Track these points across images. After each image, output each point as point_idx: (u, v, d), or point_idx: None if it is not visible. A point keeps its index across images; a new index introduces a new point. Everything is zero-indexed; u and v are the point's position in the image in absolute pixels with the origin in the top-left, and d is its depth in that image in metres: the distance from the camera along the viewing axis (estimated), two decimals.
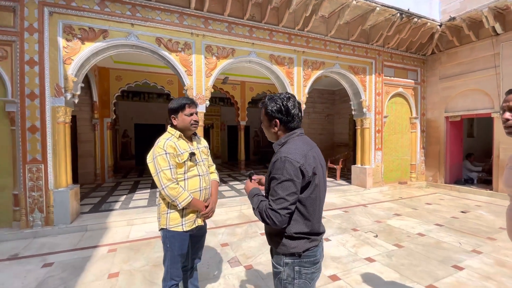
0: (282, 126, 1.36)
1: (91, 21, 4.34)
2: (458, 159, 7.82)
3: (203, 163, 1.95)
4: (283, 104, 1.33)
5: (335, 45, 6.50)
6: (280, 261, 1.32)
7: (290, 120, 1.35)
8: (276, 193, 1.21)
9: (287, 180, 1.21)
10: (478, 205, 5.63)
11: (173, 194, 1.71)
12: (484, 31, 6.49)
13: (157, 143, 1.80)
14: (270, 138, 1.46)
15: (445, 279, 2.69)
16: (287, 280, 1.30)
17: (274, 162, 1.27)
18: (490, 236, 3.85)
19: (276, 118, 1.35)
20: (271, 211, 1.20)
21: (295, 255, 1.30)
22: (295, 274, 1.30)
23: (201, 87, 5.16)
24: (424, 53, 7.86)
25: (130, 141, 12.37)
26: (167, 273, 1.83)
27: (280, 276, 1.32)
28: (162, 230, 1.83)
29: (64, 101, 4.20)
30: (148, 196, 6.12)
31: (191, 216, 1.84)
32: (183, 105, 1.81)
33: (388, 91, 7.42)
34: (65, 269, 2.92)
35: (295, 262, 1.30)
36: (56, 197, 4.11)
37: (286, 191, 1.20)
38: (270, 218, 1.20)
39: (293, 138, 1.34)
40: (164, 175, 1.70)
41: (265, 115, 1.39)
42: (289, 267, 1.30)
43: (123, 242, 3.69)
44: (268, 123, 1.40)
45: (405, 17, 6.11)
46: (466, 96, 7.07)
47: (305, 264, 1.30)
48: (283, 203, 1.20)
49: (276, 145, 1.38)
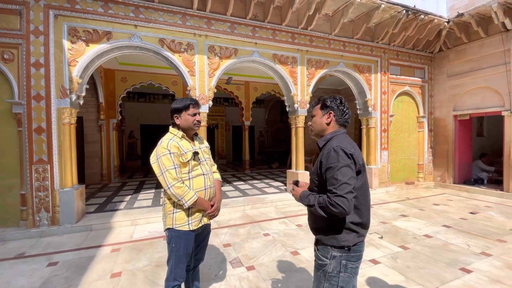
0: (334, 119, 1.48)
1: (95, 23, 4.39)
2: (467, 159, 7.63)
3: (206, 162, 1.96)
4: (341, 102, 1.50)
5: (339, 44, 6.42)
6: (328, 254, 1.37)
7: (343, 115, 1.49)
8: (337, 180, 1.25)
9: (344, 166, 1.27)
10: (488, 206, 5.48)
11: (179, 193, 1.71)
12: (494, 27, 6.32)
13: (160, 143, 1.80)
14: (316, 133, 1.56)
15: (452, 282, 2.62)
16: (332, 273, 1.35)
17: (327, 153, 1.33)
18: (500, 238, 3.73)
19: (331, 110, 1.48)
20: (337, 198, 1.22)
21: (345, 248, 1.34)
22: (342, 267, 1.34)
23: (204, 87, 5.17)
24: (431, 51, 7.70)
25: (136, 141, 12.51)
26: (171, 273, 1.82)
27: (326, 268, 1.36)
28: (168, 230, 1.83)
29: (69, 103, 4.26)
30: (153, 196, 6.17)
31: (197, 215, 1.84)
32: (188, 105, 1.84)
33: (394, 90, 7.30)
34: (69, 268, 2.96)
35: (343, 256, 1.35)
36: (61, 197, 4.17)
37: (347, 176, 1.26)
38: (338, 206, 1.21)
39: (338, 135, 1.45)
40: (169, 175, 1.71)
41: (321, 107, 1.52)
42: (336, 260, 1.35)
43: (126, 242, 3.71)
44: (321, 115, 1.51)
45: (411, 14, 5.99)
46: (475, 94, 6.90)
47: (351, 259, 1.35)
48: (347, 187, 1.23)
49: (322, 141, 1.49)
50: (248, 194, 6.41)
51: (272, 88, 10.53)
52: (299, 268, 2.91)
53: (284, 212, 5.10)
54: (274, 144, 14.86)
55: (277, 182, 8.08)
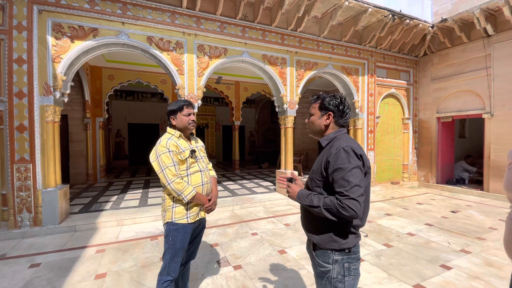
0: (333, 120, 1.43)
1: (81, 19, 4.29)
2: (450, 160, 7.90)
3: (202, 160, 2.09)
4: (341, 101, 1.42)
5: (328, 46, 6.52)
6: (329, 259, 1.31)
7: (343, 116, 1.43)
8: (348, 182, 1.19)
9: (355, 167, 1.22)
10: (468, 205, 5.69)
11: (178, 188, 1.82)
12: (476, 32, 6.57)
13: (159, 142, 1.90)
14: (314, 132, 1.50)
15: (433, 278, 2.71)
16: (337, 278, 1.29)
17: (336, 153, 1.26)
18: (480, 236, 3.88)
19: (330, 111, 1.42)
20: (349, 200, 1.16)
21: (345, 251, 1.30)
22: (345, 271, 1.29)
23: (193, 86, 5.14)
24: (416, 54, 7.93)
25: (124, 140, 12.28)
26: (165, 267, 1.89)
27: (330, 274, 1.30)
28: (167, 223, 1.92)
29: (53, 100, 4.15)
30: (140, 196, 6.08)
31: (195, 209, 1.95)
32: (181, 106, 1.95)
33: (381, 92, 7.47)
34: (52, 270, 2.89)
35: (345, 259, 1.30)
36: (44, 197, 4.06)
37: (358, 178, 1.21)
38: (349, 209, 1.15)
39: (342, 134, 1.41)
40: (169, 171, 1.81)
41: (319, 108, 1.45)
42: (339, 264, 1.29)
43: (112, 242, 3.65)
44: (320, 115, 1.45)
45: (397, 18, 6.16)
46: (457, 97, 7.15)
47: (352, 260, 1.31)
48: (358, 189, 1.19)
49: (324, 140, 1.43)
50: (237, 194, 6.41)
51: (263, 89, 10.57)
52: (286, 267, 2.94)
53: (272, 212, 5.14)
54: (264, 144, 14.92)
55: (266, 182, 8.12)
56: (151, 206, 5.23)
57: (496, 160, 6.25)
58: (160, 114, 12.73)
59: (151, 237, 3.83)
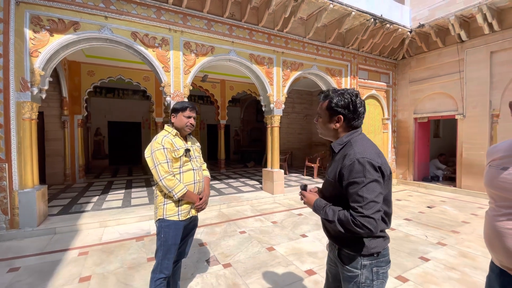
0: (344, 123, 1.28)
1: (61, 12, 4.10)
2: (426, 158, 8.34)
3: (196, 160, 2.11)
4: (352, 100, 1.25)
5: (313, 47, 6.66)
6: (357, 264, 1.24)
7: (355, 117, 1.27)
8: (363, 198, 1.11)
9: (372, 181, 1.12)
10: (443, 201, 6.04)
11: (169, 185, 1.85)
12: (450, 38, 6.97)
13: (155, 139, 1.93)
14: (325, 135, 1.37)
15: (413, 270, 2.87)
16: (365, 283, 1.24)
17: (351, 165, 1.16)
18: (454, 229, 4.14)
19: (340, 114, 1.26)
20: (364, 218, 1.09)
21: (374, 255, 1.24)
22: (374, 275, 1.24)
23: (179, 84, 5.06)
24: (395, 58, 8.28)
25: (103, 139, 11.83)
26: (158, 265, 1.91)
27: (358, 279, 1.24)
28: (158, 220, 1.94)
29: (30, 96, 3.93)
30: (123, 197, 5.90)
31: (186, 207, 1.97)
32: (185, 107, 1.98)
33: (362, 93, 7.73)
34: (32, 274, 2.75)
35: (373, 263, 1.24)
36: (21, 198, 3.85)
37: (374, 193, 1.11)
38: (364, 227, 1.08)
39: (356, 138, 1.26)
40: (162, 168, 1.85)
41: (327, 109, 1.29)
42: (367, 269, 1.23)
43: (95, 244, 3.53)
44: (328, 118, 1.30)
45: (378, 22, 6.41)
46: (433, 99, 7.56)
47: (381, 264, 1.25)
48: (374, 206, 1.10)
49: (337, 145, 1.29)
50: (224, 193, 6.40)
51: (248, 88, 10.58)
52: (275, 263, 2.99)
53: (259, 210, 5.18)
54: (250, 143, 14.94)
55: (252, 180, 8.16)
56: (135, 206, 5.10)
57: (467, 158, 6.68)
58: (142, 112, 12.38)
59: (137, 238, 3.75)
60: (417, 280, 2.65)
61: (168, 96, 4.98)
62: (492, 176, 1.16)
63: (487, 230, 1.16)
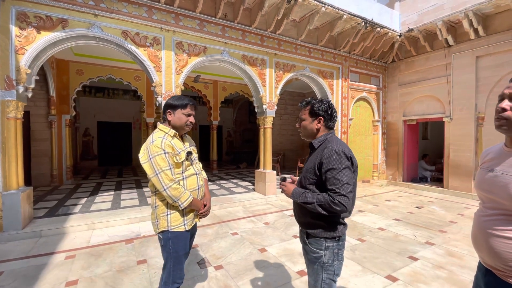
0: (323, 124, 1.57)
1: (49, 9, 4.00)
2: (414, 159, 8.51)
3: (196, 162, 1.98)
4: (329, 105, 1.57)
5: (305, 49, 6.71)
6: (322, 245, 1.48)
7: (331, 119, 1.58)
8: (339, 180, 1.36)
9: (346, 167, 1.40)
10: (431, 201, 6.18)
11: (175, 194, 1.68)
12: (438, 42, 7.15)
13: (152, 141, 1.69)
14: (307, 136, 1.65)
15: (402, 269, 2.91)
16: (328, 263, 1.48)
17: (329, 155, 1.42)
18: (442, 229, 4.24)
19: (321, 116, 1.56)
20: (340, 197, 1.33)
21: (335, 239, 1.49)
22: (334, 256, 1.49)
23: (170, 84, 5.01)
24: (385, 61, 8.43)
25: (92, 140, 11.58)
26: (169, 276, 1.78)
27: (322, 259, 1.49)
28: (162, 233, 1.77)
29: (15, 95, 3.81)
30: (112, 199, 5.78)
31: (191, 215, 1.85)
32: (185, 104, 1.78)
33: (353, 95, 7.85)
34: (16, 278, 2.66)
35: (335, 245, 1.49)
36: (5, 200, 3.71)
37: (347, 177, 1.38)
38: (340, 204, 1.33)
39: (332, 137, 1.55)
40: (165, 176, 1.65)
41: (310, 113, 1.58)
42: (330, 250, 1.48)
43: (83, 247, 3.44)
44: (310, 120, 1.59)
45: (369, 26, 6.52)
46: (421, 102, 7.73)
47: (340, 246, 1.51)
48: (348, 187, 1.36)
49: (317, 142, 1.57)
50: (216, 194, 6.36)
51: (241, 89, 10.57)
52: (267, 265, 2.99)
53: (251, 211, 5.17)
54: (242, 144, 14.91)
55: (245, 182, 8.14)
56: (124, 208, 5.01)
57: (454, 159, 6.85)
58: (132, 112, 12.19)
59: (126, 241, 3.67)
60: (407, 279, 2.69)
61: (159, 96, 4.91)
62: (480, 178, 1.19)
63: (474, 230, 1.19)
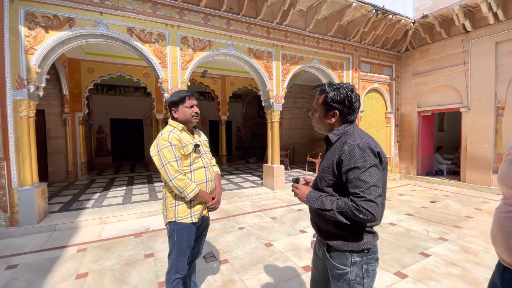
0: (339, 118, 1.28)
1: (56, 8, 4.06)
2: (429, 152, 8.20)
3: (206, 155, 1.98)
4: (347, 95, 1.24)
5: (313, 40, 6.54)
6: (347, 261, 1.21)
7: (351, 112, 1.26)
8: (364, 182, 1.09)
9: (372, 166, 1.11)
10: (446, 195, 5.94)
11: (181, 185, 1.72)
12: (455, 28, 6.78)
13: (160, 135, 1.78)
14: (320, 129, 1.37)
15: (413, 265, 2.82)
16: (355, 281, 1.21)
17: (351, 151, 1.14)
18: (456, 224, 4.07)
19: (336, 109, 1.26)
20: (366, 203, 1.06)
21: (364, 252, 1.21)
22: (364, 272, 1.21)
23: (176, 80, 5.02)
24: (398, 50, 8.10)
25: (106, 136, 11.89)
26: (172, 266, 1.83)
27: (347, 277, 1.22)
28: (169, 223, 1.83)
29: (27, 94, 3.93)
30: (124, 194, 5.93)
31: (199, 208, 1.86)
32: (183, 97, 1.82)
33: (364, 87, 7.61)
34: (30, 271, 2.77)
35: (363, 260, 1.21)
36: (20, 196, 3.87)
37: (375, 177, 1.10)
38: (366, 211, 1.06)
39: (353, 128, 1.26)
40: (171, 167, 1.71)
41: (323, 104, 1.28)
42: (357, 266, 1.21)
43: (94, 241, 3.54)
44: (324, 113, 1.30)
45: (380, 13, 6.25)
46: (437, 92, 7.39)
47: (371, 261, 1.23)
48: (376, 190, 1.08)
49: (334, 135, 1.28)
50: (225, 189, 6.38)
51: (249, 83, 10.49)
52: (272, 259, 2.97)
53: (259, 206, 5.15)
54: (252, 139, 14.89)
55: (254, 176, 8.13)
56: (135, 203, 5.12)
57: (472, 152, 6.54)
58: (143, 109, 12.40)
59: (135, 235, 3.75)
60: (416, 276, 2.59)
61: (166, 92, 4.94)
62: (503, 171, 1.08)
63: (493, 226, 1.12)
